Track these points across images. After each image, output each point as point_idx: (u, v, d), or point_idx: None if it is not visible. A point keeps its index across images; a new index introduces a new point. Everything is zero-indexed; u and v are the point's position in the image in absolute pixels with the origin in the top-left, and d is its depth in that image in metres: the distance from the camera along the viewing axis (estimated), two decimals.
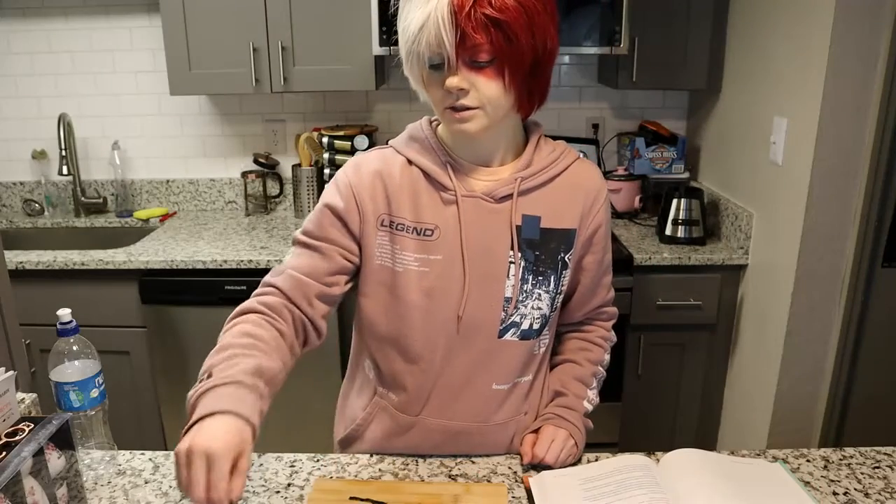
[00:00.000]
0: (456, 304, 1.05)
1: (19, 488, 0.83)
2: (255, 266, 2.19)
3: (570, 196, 1.08)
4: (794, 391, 2.01)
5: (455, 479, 1.08)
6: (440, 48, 0.92)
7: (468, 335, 1.07)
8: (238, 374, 0.87)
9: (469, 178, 1.06)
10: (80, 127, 2.74)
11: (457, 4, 0.90)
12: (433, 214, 1.04)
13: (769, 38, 2.06)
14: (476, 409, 1.11)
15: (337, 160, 2.57)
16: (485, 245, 1.05)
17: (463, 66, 0.93)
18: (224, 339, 0.95)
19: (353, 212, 1.05)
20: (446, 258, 1.04)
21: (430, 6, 0.91)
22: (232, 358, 0.90)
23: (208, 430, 0.80)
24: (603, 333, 1.23)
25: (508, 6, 0.90)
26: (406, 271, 1.05)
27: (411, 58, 0.97)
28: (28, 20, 2.63)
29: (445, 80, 0.94)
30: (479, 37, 0.90)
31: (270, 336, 0.97)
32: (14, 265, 2.19)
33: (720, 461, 1.08)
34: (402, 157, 1.07)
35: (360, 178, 1.06)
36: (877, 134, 1.76)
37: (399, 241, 1.05)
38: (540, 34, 0.94)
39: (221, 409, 0.82)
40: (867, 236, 1.84)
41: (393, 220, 1.05)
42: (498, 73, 0.94)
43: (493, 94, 0.95)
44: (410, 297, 1.05)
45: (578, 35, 2.21)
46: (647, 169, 2.61)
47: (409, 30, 0.94)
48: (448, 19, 0.90)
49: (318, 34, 2.31)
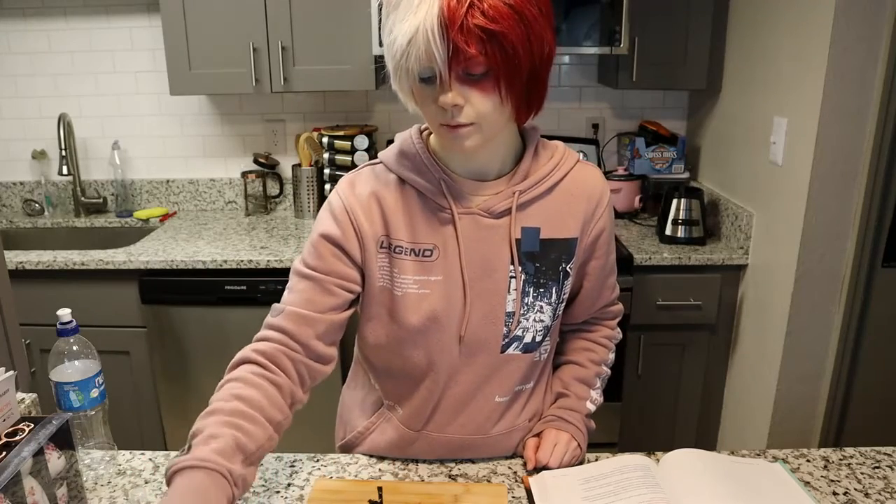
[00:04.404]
0: (458, 324, 1.03)
1: (19, 488, 0.83)
2: (255, 266, 2.19)
3: (571, 204, 1.05)
4: (794, 391, 2.01)
5: (455, 479, 1.08)
6: (431, 62, 0.85)
7: (471, 353, 1.05)
8: (212, 459, 0.85)
9: (465, 193, 1.01)
10: (80, 127, 2.74)
11: (447, 16, 0.83)
12: (431, 234, 1.01)
13: (769, 38, 2.06)
14: (478, 422, 1.10)
15: (337, 160, 2.57)
16: (484, 262, 1.02)
17: (456, 80, 0.87)
18: (214, 400, 0.93)
19: (352, 239, 1.01)
20: (446, 278, 1.01)
21: (417, 18, 0.84)
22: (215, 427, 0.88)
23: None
24: (607, 333, 1.22)
25: (503, 15, 0.83)
26: (405, 295, 1.02)
27: (399, 72, 0.90)
28: (28, 20, 2.63)
29: (438, 96, 0.88)
30: (473, 50, 0.83)
31: (263, 395, 0.94)
32: (14, 265, 2.19)
33: (720, 461, 1.08)
34: (394, 176, 1.02)
35: (357, 200, 1.02)
36: (877, 134, 1.76)
37: (398, 264, 1.02)
38: (537, 42, 0.88)
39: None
40: (867, 236, 1.84)
41: (391, 243, 1.01)
42: (493, 85, 0.88)
43: (489, 109, 0.89)
44: (411, 321, 1.02)
45: (578, 35, 2.21)
46: (647, 169, 2.61)
47: (397, 43, 0.87)
48: (438, 32, 0.83)
49: (318, 34, 2.31)
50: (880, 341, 1.93)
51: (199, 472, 0.84)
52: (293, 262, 1.06)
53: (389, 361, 1.09)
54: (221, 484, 0.84)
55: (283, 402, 0.97)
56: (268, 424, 0.93)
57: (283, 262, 2.18)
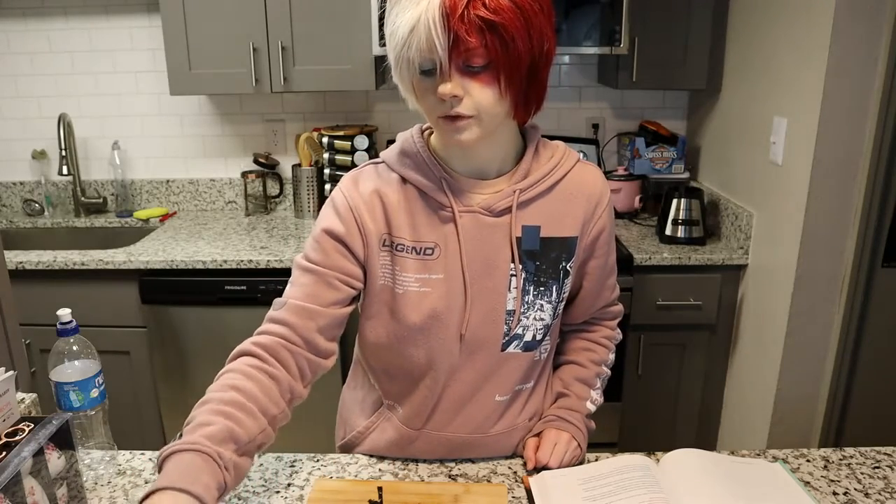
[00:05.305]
0: (458, 322, 1.03)
1: (19, 488, 0.83)
2: (255, 266, 2.19)
3: (571, 203, 1.05)
4: (794, 391, 2.01)
5: (455, 479, 1.08)
6: (432, 53, 0.87)
7: (471, 352, 1.06)
8: (203, 441, 0.86)
9: (466, 191, 1.02)
10: (80, 127, 2.74)
11: (449, 6, 0.84)
12: (432, 232, 1.02)
13: (769, 38, 2.06)
14: (478, 421, 1.11)
15: (337, 160, 2.57)
16: (485, 260, 1.02)
17: (456, 72, 0.88)
18: (210, 391, 0.94)
19: (355, 235, 1.02)
20: (447, 276, 1.02)
21: (419, 8, 0.86)
22: (208, 415, 0.90)
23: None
24: (607, 333, 1.22)
25: (504, 7, 0.85)
26: (406, 293, 1.03)
27: (401, 63, 0.91)
28: (28, 20, 2.63)
29: (438, 86, 0.89)
30: (473, 40, 0.85)
31: (259, 388, 0.94)
32: (14, 265, 2.19)
33: (720, 461, 1.08)
34: (396, 175, 1.03)
35: (360, 196, 1.02)
36: (877, 134, 1.76)
37: (399, 262, 1.02)
38: (537, 36, 0.89)
39: (172, 486, 0.81)
40: (867, 236, 1.84)
41: (393, 241, 1.02)
42: (493, 78, 0.89)
43: (488, 102, 0.90)
44: (411, 319, 1.03)
45: (578, 35, 2.21)
46: (647, 169, 2.61)
47: (398, 34, 0.88)
48: (440, 22, 0.85)
49: (318, 34, 2.31)
50: (880, 341, 1.93)
51: (188, 453, 0.84)
52: (294, 258, 1.06)
53: (389, 360, 1.10)
54: (211, 465, 0.85)
55: (280, 396, 0.97)
56: (262, 417, 0.93)
57: (283, 262, 2.18)
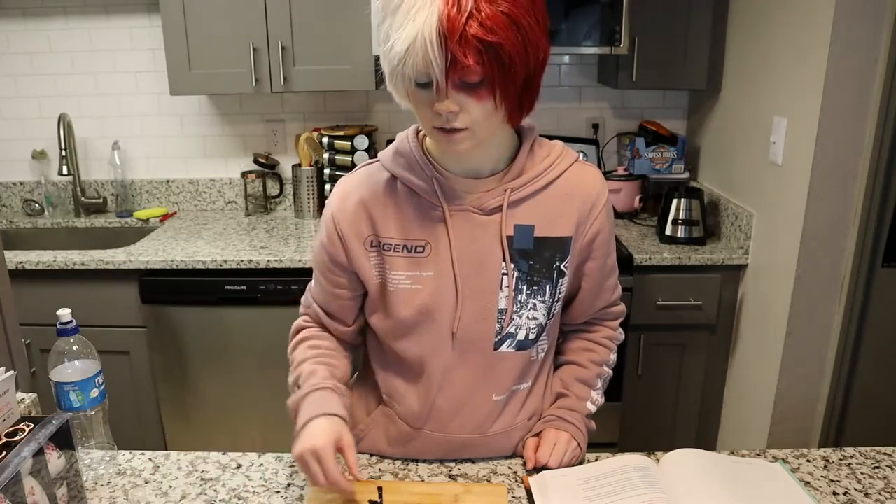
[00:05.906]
0: (449, 320, 1.04)
1: (19, 488, 0.83)
2: (255, 266, 2.19)
3: (566, 203, 1.05)
4: (794, 391, 2.01)
5: (455, 479, 1.08)
6: (428, 70, 0.86)
7: (464, 350, 1.06)
8: (320, 381, 1.04)
9: (458, 191, 1.02)
10: (80, 127, 2.74)
11: (446, 27, 0.83)
12: (423, 230, 1.03)
13: (769, 38, 2.06)
14: (476, 421, 1.11)
15: (337, 160, 2.57)
16: (476, 258, 1.03)
17: (452, 89, 0.88)
18: (297, 355, 1.12)
19: (338, 249, 1.06)
20: (437, 274, 1.03)
21: (416, 25, 0.84)
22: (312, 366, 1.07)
23: (309, 433, 0.97)
24: (609, 333, 1.21)
25: (500, 25, 0.84)
26: (397, 290, 1.04)
27: (395, 77, 0.91)
28: (28, 20, 2.63)
29: (433, 101, 0.89)
30: (470, 61, 0.84)
31: (332, 345, 1.14)
32: (14, 265, 2.19)
33: (720, 461, 1.08)
34: (387, 174, 1.05)
35: (344, 210, 1.05)
36: (877, 134, 1.76)
37: (388, 260, 1.04)
38: (533, 50, 0.88)
39: (315, 414, 0.99)
40: (867, 236, 1.84)
41: (380, 241, 1.04)
42: (488, 92, 0.89)
43: (483, 115, 0.91)
44: (402, 314, 1.04)
45: (578, 35, 2.21)
46: (647, 169, 2.61)
47: (394, 50, 0.87)
48: (437, 43, 0.83)
49: (318, 34, 2.31)
50: (880, 341, 1.93)
51: (317, 391, 1.03)
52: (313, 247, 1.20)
53: (386, 356, 1.12)
54: (337, 395, 1.04)
55: (344, 351, 1.15)
56: (345, 361, 1.13)
57: (283, 262, 2.18)
